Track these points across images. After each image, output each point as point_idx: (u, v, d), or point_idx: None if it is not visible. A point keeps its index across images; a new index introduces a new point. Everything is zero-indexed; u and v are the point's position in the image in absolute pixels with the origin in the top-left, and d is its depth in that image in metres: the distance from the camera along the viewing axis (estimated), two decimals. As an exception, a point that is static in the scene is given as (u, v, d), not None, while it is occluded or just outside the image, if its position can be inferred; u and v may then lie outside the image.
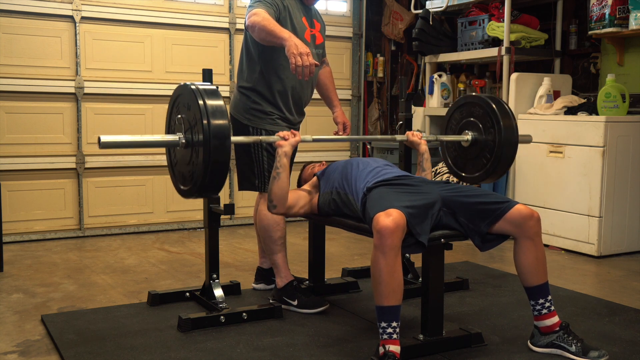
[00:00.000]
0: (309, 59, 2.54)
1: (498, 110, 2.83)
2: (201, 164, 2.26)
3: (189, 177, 2.40)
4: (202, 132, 2.24)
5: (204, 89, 2.34)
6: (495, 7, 4.57)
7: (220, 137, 2.25)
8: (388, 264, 2.11)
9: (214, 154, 2.24)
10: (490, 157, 2.86)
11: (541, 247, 2.35)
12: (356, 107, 5.53)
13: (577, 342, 2.29)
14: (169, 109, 2.56)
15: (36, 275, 3.52)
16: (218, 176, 2.30)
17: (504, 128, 2.80)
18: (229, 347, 2.43)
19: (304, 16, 2.94)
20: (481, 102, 2.90)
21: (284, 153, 2.52)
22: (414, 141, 2.88)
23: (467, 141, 2.94)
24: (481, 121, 2.88)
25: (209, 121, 2.24)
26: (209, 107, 2.26)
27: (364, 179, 2.49)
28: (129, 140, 2.43)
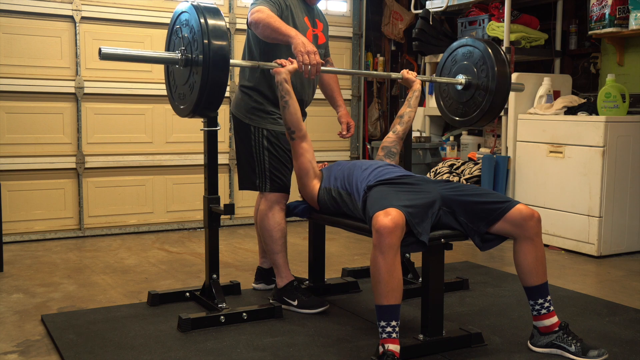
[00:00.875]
0: (316, 57, 2.57)
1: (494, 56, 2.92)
2: (199, 84, 2.29)
3: (186, 96, 2.42)
4: (202, 53, 2.26)
5: (206, 7, 2.35)
6: (495, 7, 4.57)
7: (220, 59, 2.27)
8: (387, 263, 2.11)
9: (212, 75, 2.27)
10: (482, 101, 2.95)
11: (541, 248, 2.35)
12: (356, 107, 5.53)
13: (577, 342, 2.29)
14: (169, 27, 2.57)
15: (36, 275, 3.52)
16: (215, 96, 2.34)
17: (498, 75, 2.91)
18: (229, 347, 2.43)
19: (306, 16, 2.94)
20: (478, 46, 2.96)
21: (283, 79, 2.60)
22: (409, 78, 2.96)
23: (461, 84, 3.02)
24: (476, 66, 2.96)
25: (209, 41, 2.26)
26: (210, 28, 2.28)
27: (366, 178, 2.50)
28: (129, 53, 2.46)
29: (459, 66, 3.07)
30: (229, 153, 4.92)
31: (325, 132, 5.28)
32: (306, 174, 2.68)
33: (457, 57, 3.11)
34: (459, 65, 3.08)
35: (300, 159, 2.67)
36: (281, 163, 2.91)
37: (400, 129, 2.90)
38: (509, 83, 2.95)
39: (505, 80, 2.93)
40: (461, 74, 3.06)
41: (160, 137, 4.72)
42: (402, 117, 2.92)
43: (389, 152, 2.86)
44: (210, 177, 2.82)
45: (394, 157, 2.86)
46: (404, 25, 5.67)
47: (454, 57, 3.12)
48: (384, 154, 2.86)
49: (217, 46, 2.27)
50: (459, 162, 4.63)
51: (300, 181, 2.72)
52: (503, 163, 4.33)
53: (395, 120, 2.93)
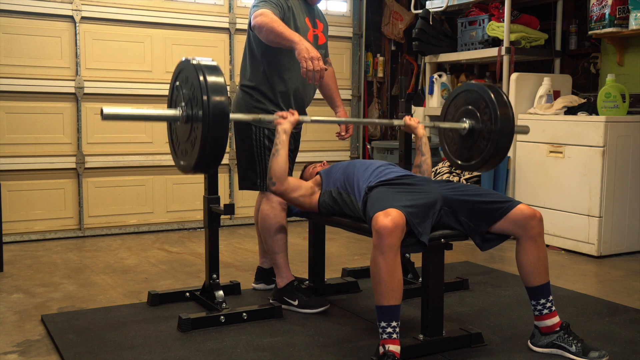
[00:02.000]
0: (319, 63, 2.56)
1: (496, 99, 2.86)
2: (200, 139, 2.30)
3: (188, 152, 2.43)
4: (202, 108, 2.28)
5: (205, 65, 2.37)
6: (495, 7, 4.57)
7: (219, 114, 2.29)
8: (387, 264, 2.11)
9: (212, 130, 2.28)
10: (487, 145, 2.89)
11: (543, 247, 2.35)
12: (356, 107, 5.53)
13: (578, 342, 2.29)
14: (171, 83, 2.59)
15: (36, 275, 3.52)
16: (216, 152, 2.35)
17: (501, 118, 2.83)
18: (229, 347, 2.43)
19: (307, 16, 2.93)
20: (479, 90, 2.93)
21: (283, 130, 2.58)
22: (411, 125, 2.89)
23: (464, 129, 2.98)
24: (479, 109, 2.92)
25: (208, 97, 2.28)
26: (209, 84, 2.30)
27: (367, 179, 2.50)
28: (130, 113, 2.47)
29: (462, 110, 3.04)
30: (229, 153, 4.92)
31: (325, 132, 5.28)
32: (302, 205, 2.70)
33: (459, 101, 3.06)
34: (462, 110, 3.05)
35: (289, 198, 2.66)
36: None
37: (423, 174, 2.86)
38: (513, 125, 2.89)
39: (509, 122, 2.86)
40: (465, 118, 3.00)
41: (160, 137, 4.71)
42: (421, 167, 2.87)
43: None
44: (210, 177, 2.82)
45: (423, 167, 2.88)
46: (404, 25, 5.67)
47: (457, 101, 3.07)
48: None
49: (216, 102, 2.30)
50: (459, 162, 4.63)
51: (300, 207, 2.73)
52: (503, 163, 4.33)
53: (414, 170, 2.88)
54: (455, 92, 3.10)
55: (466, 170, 3.08)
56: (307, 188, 2.70)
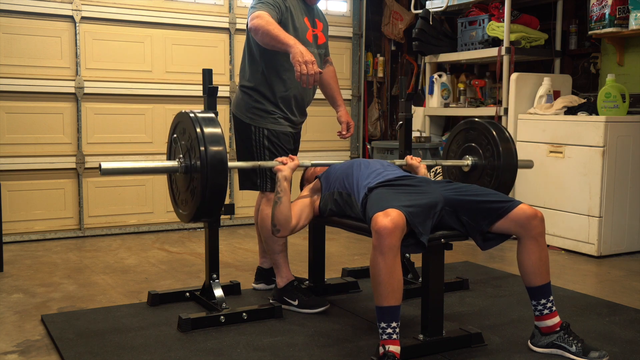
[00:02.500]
0: (314, 67, 2.56)
1: (497, 135, 2.87)
2: (199, 189, 2.36)
3: (188, 201, 2.49)
4: (200, 159, 2.34)
5: (202, 117, 2.43)
6: (495, 7, 4.57)
7: (217, 163, 2.35)
8: (387, 264, 2.11)
9: (211, 180, 2.34)
10: (491, 181, 2.91)
11: (545, 247, 2.35)
12: (356, 107, 5.53)
13: (578, 342, 2.29)
14: (169, 135, 2.67)
15: (36, 275, 3.52)
16: (216, 201, 2.41)
17: (503, 153, 2.84)
18: (229, 347, 2.43)
19: (305, 16, 2.93)
20: (481, 127, 2.95)
21: (283, 177, 2.56)
22: (413, 164, 2.91)
23: (467, 166, 3.00)
24: (481, 146, 2.93)
25: (206, 148, 2.34)
26: (206, 135, 2.36)
27: (366, 179, 2.49)
28: (129, 167, 2.51)
29: (465, 147, 3.05)
30: (229, 153, 4.92)
31: (325, 132, 5.28)
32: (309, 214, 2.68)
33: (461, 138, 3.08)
34: (464, 147, 3.05)
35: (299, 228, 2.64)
36: None
37: None
38: (516, 160, 2.91)
39: (512, 157, 2.89)
40: (467, 155, 3.03)
41: (160, 136, 4.71)
42: None
43: None
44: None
45: None
46: (404, 25, 5.67)
47: (459, 138, 3.09)
48: None
49: (213, 152, 2.36)
50: (459, 162, 4.63)
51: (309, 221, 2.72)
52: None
53: None
54: (456, 130, 3.13)
55: None
56: (308, 206, 2.67)
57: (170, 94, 4.73)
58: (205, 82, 2.77)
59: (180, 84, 4.74)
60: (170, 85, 4.72)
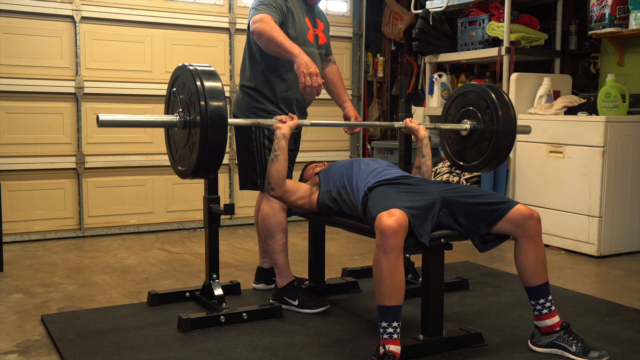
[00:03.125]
0: (317, 79, 2.58)
1: (497, 99, 2.85)
2: (198, 145, 2.30)
3: (186, 157, 2.43)
4: (200, 114, 2.27)
5: (202, 70, 2.37)
6: (495, 7, 4.57)
7: (217, 119, 2.28)
8: (390, 264, 2.11)
9: (210, 136, 2.28)
10: (489, 145, 2.88)
11: (542, 247, 2.35)
12: (356, 107, 5.52)
13: (578, 342, 2.29)
14: (168, 90, 2.60)
15: (36, 275, 3.52)
16: (214, 157, 2.35)
17: (502, 118, 2.82)
18: (229, 347, 2.43)
19: (307, 16, 2.93)
20: (480, 91, 2.92)
21: (282, 135, 2.55)
22: (412, 127, 2.89)
23: (465, 130, 2.97)
24: (480, 110, 2.91)
25: (206, 103, 2.28)
26: (206, 89, 2.29)
27: (366, 179, 2.49)
28: (127, 119, 2.46)
29: (463, 111, 3.02)
30: (229, 153, 4.92)
31: (326, 132, 5.28)
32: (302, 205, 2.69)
33: (460, 102, 3.06)
34: (463, 111, 3.03)
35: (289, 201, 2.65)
36: None
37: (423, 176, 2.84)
38: (515, 126, 2.89)
39: (510, 123, 2.86)
40: (466, 119, 3.00)
41: (160, 137, 4.70)
42: (421, 169, 2.85)
43: None
44: (210, 177, 2.82)
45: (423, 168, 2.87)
46: (404, 25, 5.67)
47: (458, 102, 3.07)
48: None
49: (214, 107, 2.29)
50: (459, 162, 4.63)
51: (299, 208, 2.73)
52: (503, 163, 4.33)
53: (414, 171, 2.88)
54: (455, 93, 3.10)
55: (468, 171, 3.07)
56: (306, 190, 2.70)
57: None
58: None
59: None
60: (170, 85, 4.72)
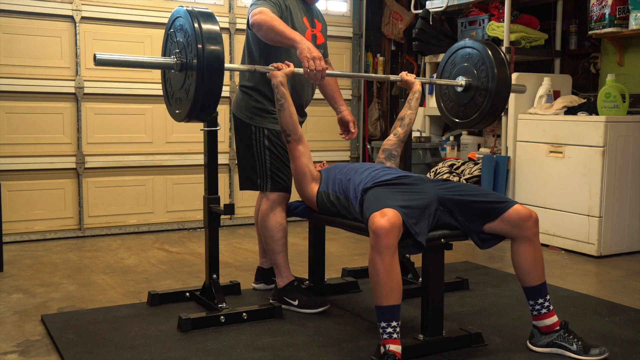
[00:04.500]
0: (321, 63, 2.58)
1: (493, 57, 2.90)
2: (194, 88, 2.31)
3: (182, 100, 2.44)
4: (197, 57, 2.28)
5: (200, 12, 2.37)
6: (495, 7, 4.57)
7: (214, 63, 2.29)
8: (385, 264, 2.11)
9: (207, 79, 2.29)
10: (483, 102, 2.94)
11: (539, 248, 2.35)
12: (356, 107, 5.52)
13: (578, 340, 2.30)
14: (165, 32, 2.61)
15: (36, 275, 3.52)
16: (210, 101, 2.36)
17: (497, 75, 2.88)
18: (229, 347, 2.43)
19: (305, 16, 2.93)
20: (477, 47, 2.96)
21: (279, 83, 2.59)
22: (408, 80, 2.94)
23: (461, 86, 3.01)
24: (475, 67, 2.94)
25: (203, 46, 2.28)
26: (204, 32, 2.30)
27: (362, 181, 2.49)
28: (124, 59, 2.46)
29: (459, 68, 3.06)
30: (229, 153, 4.92)
31: (325, 132, 5.28)
32: (303, 177, 2.67)
33: (456, 58, 3.09)
34: (459, 67, 3.06)
35: (296, 162, 2.66)
36: (282, 162, 2.90)
37: (402, 131, 2.87)
38: (509, 84, 2.93)
39: (505, 81, 2.90)
40: (461, 75, 3.05)
41: (160, 137, 4.72)
42: (403, 120, 2.89)
43: (390, 155, 2.85)
44: (210, 177, 2.82)
45: (394, 160, 2.84)
46: (404, 25, 5.67)
47: (454, 58, 3.11)
48: (384, 156, 2.85)
49: (211, 50, 2.29)
50: (459, 162, 4.63)
51: (298, 184, 2.71)
52: (503, 163, 4.33)
53: (396, 123, 2.91)
54: (452, 49, 3.14)
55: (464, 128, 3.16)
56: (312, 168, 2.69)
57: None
58: None
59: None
60: (170, 85, 4.72)
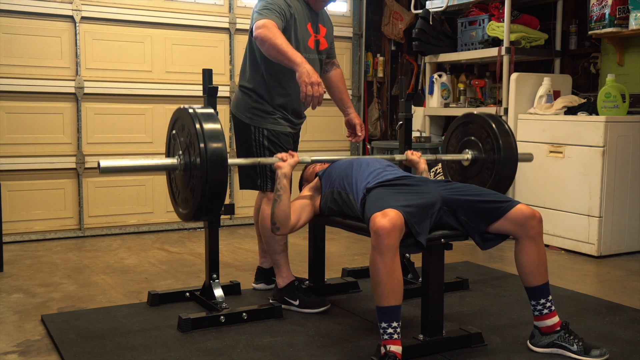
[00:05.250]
0: (319, 89, 2.58)
1: (497, 129, 2.86)
2: (199, 186, 2.32)
3: (188, 200, 2.45)
4: (199, 156, 2.30)
5: (201, 113, 2.39)
6: (495, 7, 4.57)
7: (217, 160, 2.31)
8: (386, 264, 2.11)
9: (211, 177, 2.30)
10: (491, 175, 2.89)
11: (542, 248, 2.35)
12: (356, 107, 5.52)
13: (578, 341, 2.29)
14: (168, 131, 2.63)
15: (36, 275, 3.52)
16: (216, 199, 2.37)
17: (503, 147, 2.83)
18: (229, 347, 2.43)
19: (309, 22, 2.92)
20: (480, 120, 2.93)
21: (283, 175, 2.53)
22: (413, 160, 2.91)
23: (467, 160, 2.97)
24: (480, 140, 2.91)
25: (205, 144, 2.30)
26: (205, 131, 2.32)
27: (365, 180, 2.49)
28: (128, 165, 2.47)
29: (464, 141, 3.03)
30: (229, 153, 4.92)
31: (326, 132, 5.28)
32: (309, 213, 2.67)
33: (461, 132, 3.06)
34: (464, 140, 3.03)
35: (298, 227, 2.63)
36: None
37: None
38: (516, 154, 2.89)
39: (512, 151, 2.86)
40: (467, 149, 3.01)
41: (160, 136, 4.71)
42: None
43: None
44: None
45: None
46: (404, 25, 5.67)
47: (458, 132, 3.07)
48: None
49: (213, 148, 2.31)
50: (459, 162, 4.63)
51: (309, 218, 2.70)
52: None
53: None
54: (455, 123, 3.09)
55: None
56: (308, 205, 2.66)
57: (170, 94, 4.72)
58: (205, 82, 2.77)
59: (180, 83, 4.74)
60: (170, 85, 4.72)
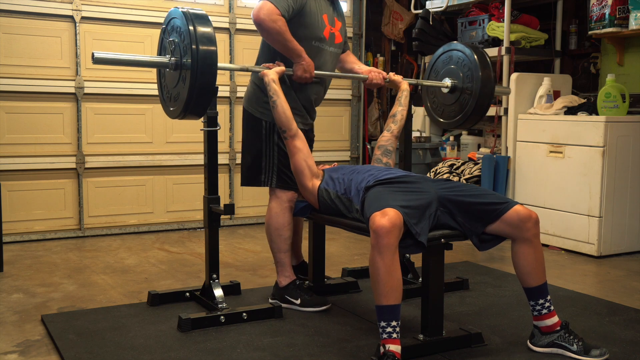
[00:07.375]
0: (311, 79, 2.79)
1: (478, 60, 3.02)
2: (188, 86, 2.41)
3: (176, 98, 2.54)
4: (191, 57, 2.38)
5: (194, 14, 2.47)
6: (495, 7, 4.57)
7: (208, 63, 2.39)
8: (385, 264, 2.11)
9: (200, 79, 2.39)
10: (469, 101, 3.05)
11: (540, 249, 2.35)
12: (356, 107, 5.53)
13: (578, 341, 2.30)
14: (161, 32, 2.69)
15: (36, 275, 3.52)
16: (203, 100, 2.47)
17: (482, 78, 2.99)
18: (229, 347, 2.43)
19: (325, 13, 2.91)
20: (463, 50, 3.09)
21: (271, 80, 2.67)
22: (396, 80, 3.04)
23: (447, 87, 3.13)
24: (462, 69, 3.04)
25: (197, 47, 2.38)
26: (198, 33, 2.40)
27: (364, 180, 2.49)
28: (121, 57, 2.57)
29: (447, 69, 3.17)
30: (229, 153, 4.92)
31: (326, 132, 5.27)
32: (302, 172, 2.67)
33: (444, 60, 3.22)
34: (446, 69, 3.18)
35: (294, 158, 2.67)
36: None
37: (395, 127, 2.92)
38: (493, 86, 3.05)
39: (489, 83, 3.02)
40: (448, 77, 3.16)
41: (160, 137, 4.71)
42: (395, 116, 2.95)
43: (386, 151, 2.86)
44: (210, 177, 2.82)
45: (390, 155, 2.86)
46: (404, 25, 5.67)
47: (442, 60, 3.24)
48: (380, 152, 2.86)
49: (205, 51, 2.40)
50: (459, 162, 4.63)
51: (298, 180, 2.71)
52: (503, 163, 4.33)
53: (388, 120, 2.95)
54: (439, 52, 3.26)
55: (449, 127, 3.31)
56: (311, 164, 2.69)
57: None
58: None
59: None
60: (170, 85, 4.72)
